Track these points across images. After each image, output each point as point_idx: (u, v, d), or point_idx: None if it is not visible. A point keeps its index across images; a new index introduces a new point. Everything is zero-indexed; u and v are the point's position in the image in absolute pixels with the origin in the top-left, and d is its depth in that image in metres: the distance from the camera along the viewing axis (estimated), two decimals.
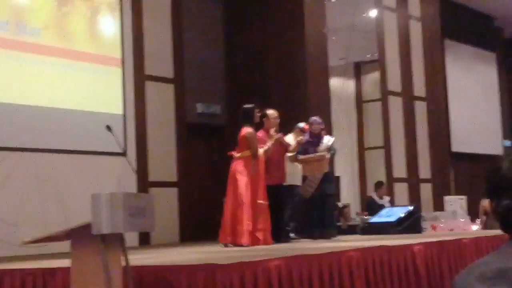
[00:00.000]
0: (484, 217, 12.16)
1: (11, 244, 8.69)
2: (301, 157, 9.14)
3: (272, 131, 8.68)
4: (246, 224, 7.86)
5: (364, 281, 5.41)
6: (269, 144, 8.48)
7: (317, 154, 9.14)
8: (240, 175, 8.09)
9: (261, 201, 8.09)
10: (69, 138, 10.01)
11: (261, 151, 8.27)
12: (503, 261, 1.86)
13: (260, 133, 8.71)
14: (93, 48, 10.63)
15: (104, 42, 10.87)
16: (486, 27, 18.29)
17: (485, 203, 12.14)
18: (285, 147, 8.96)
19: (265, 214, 8.10)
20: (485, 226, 11.38)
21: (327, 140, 9.41)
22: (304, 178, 9.22)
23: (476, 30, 17.70)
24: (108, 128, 7.05)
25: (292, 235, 9.17)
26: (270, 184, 8.42)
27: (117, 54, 10.94)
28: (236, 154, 8.27)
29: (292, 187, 9.19)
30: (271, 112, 8.90)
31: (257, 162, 8.19)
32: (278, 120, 8.90)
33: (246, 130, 8.21)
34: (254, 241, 7.89)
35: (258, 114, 8.47)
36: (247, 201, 7.96)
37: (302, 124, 9.58)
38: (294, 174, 9.25)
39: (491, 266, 1.85)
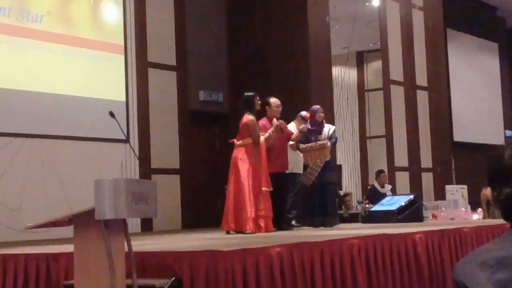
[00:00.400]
0: (485, 206, 12.20)
1: (14, 229, 8.73)
2: (302, 145, 9.15)
3: (274, 120, 8.68)
4: (249, 211, 7.88)
5: (365, 269, 5.44)
6: (270, 131, 8.49)
7: (319, 142, 9.15)
8: (242, 162, 8.10)
9: (265, 188, 8.10)
10: (72, 124, 10.03)
11: (262, 138, 8.29)
12: (504, 248, 1.88)
13: (263, 121, 8.73)
14: (96, 35, 10.63)
15: (107, 29, 10.87)
16: (488, 17, 18.26)
17: (487, 192, 12.17)
18: (286, 134, 8.97)
19: (268, 202, 8.12)
20: (486, 215, 11.42)
21: (328, 128, 9.42)
22: (306, 167, 9.24)
23: (479, 20, 17.68)
24: (111, 114, 7.04)
25: (293, 222, 9.19)
26: (272, 172, 8.44)
27: (120, 41, 10.95)
28: (237, 141, 8.29)
29: (294, 175, 9.20)
30: (273, 100, 8.90)
31: (258, 149, 8.20)
32: (281, 108, 8.89)
33: (247, 117, 8.22)
34: (257, 229, 7.91)
35: (259, 102, 8.47)
36: (249, 189, 7.98)
37: (304, 113, 9.58)
38: (296, 162, 9.27)
39: (492, 253, 1.87)
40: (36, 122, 9.64)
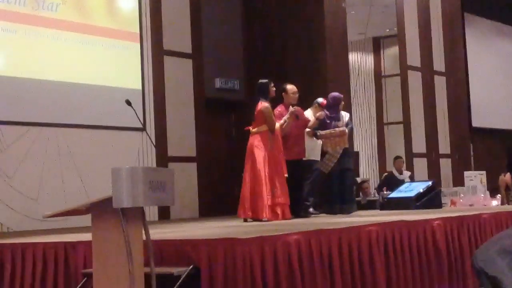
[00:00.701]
0: (504, 192, 12.13)
1: (32, 218, 8.78)
2: (322, 132, 9.11)
3: (291, 107, 8.66)
4: (266, 199, 7.87)
5: (383, 256, 5.42)
6: (285, 118, 8.47)
7: (339, 129, 9.12)
8: (258, 150, 8.09)
9: (286, 175, 8.11)
10: (88, 113, 10.05)
11: (277, 125, 8.27)
12: None
13: (280, 108, 8.71)
14: (111, 23, 10.63)
15: (122, 17, 10.86)
16: (506, 1, 18.08)
17: (506, 178, 12.09)
18: (303, 122, 8.94)
19: (284, 189, 8.11)
20: (505, 201, 11.36)
21: (344, 115, 9.39)
22: (324, 153, 9.21)
23: (497, 4, 17.50)
24: (128, 102, 7.04)
25: (311, 210, 9.17)
26: (289, 159, 8.42)
27: (135, 29, 10.94)
28: (252, 129, 8.27)
29: (311, 162, 9.18)
30: (290, 87, 8.87)
31: (274, 136, 8.19)
32: (297, 95, 8.86)
33: (262, 104, 8.20)
34: (274, 216, 7.91)
35: (274, 89, 8.44)
36: (266, 176, 7.97)
37: (321, 100, 9.54)
38: (313, 149, 9.24)
39: (511, 240, 1.85)
40: (53, 111, 9.66)
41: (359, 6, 14.36)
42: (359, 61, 17.56)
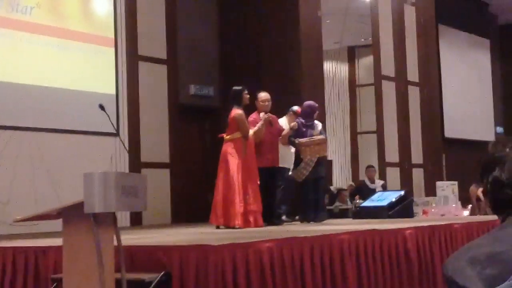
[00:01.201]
0: (475, 203, 12.23)
1: (2, 223, 8.69)
2: (302, 140, 9.07)
3: (261, 114, 8.66)
4: (238, 206, 7.87)
5: (355, 264, 5.43)
6: (259, 124, 8.48)
7: (318, 137, 9.13)
8: (231, 157, 8.09)
9: (258, 183, 8.11)
10: (61, 117, 9.98)
11: (251, 132, 8.27)
12: (494, 244, 1.87)
13: (254, 115, 8.71)
14: (86, 28, 10.58)
15: (97, 21, 10.82)
16: (480, 13, 18.27)
17: (476, 189, 12.19)
18: (277, 130, 8.95)
19: (257, 196, 8.11)
20: (476, 211, 11.46)
21: (316, 124, 9.40)
22: (297, 162, 9.18)
23: (470, 16, 17.68)
24: (101, 106, 7.00)
25: (284, 218, 9.18)
26: (262, 166, 8.42)
27: (110, 34, 10.90)
28: (226, 136, 8.27)
29: (283, 169, 9.18)
30: (261, 94, 8.88)
31: (248, 143, 8.19)
32: (269, 103, 8.85)
33: (235, 111, 8.19)
34: (246, 224, 7.90)
35: (247, 96, 8.44)
36: (239, 183, 7.96)
37: (296, 108, 9.56)
38: (285, 156, 9.24)
39: (482, 249, 1.86)
40: (25, 114, 9.59)
41: (335, 15, 14.44)
42: (334, 70, 17.64)
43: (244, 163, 8.09)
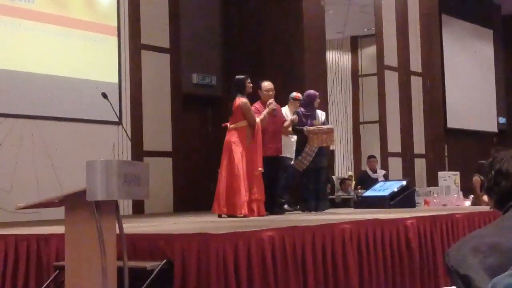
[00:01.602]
0: (479, 193, 12.23)
1: (5, 210, 8.71)
2: (310, 128, 9.06)
3: (270, 101, 8.65)
4: (244, 195, 7.86)
5: (357, 254, 5.44)
6: (265, 112, 8.47)
7: (327, 126, 9.16)
8: (235, 146, 8.07)
9: (260, 169, 8.09)
10: (64, 106, 9.98)
11: (258, 120, 8.26)
12: (497, 234, 1.88)
13: (257, 105, 8.70)
14: (89, 16, 10.56)
15: (100, 10, 10.80)
16: (483, 3, 18.22)
17: (479, 178, 12.19)
18: (279, 118, 8.94)
19: (260, 185, 8.11)
20: (479, 201, 11.45)
21: (320, 114, 9.41)
22: (299, 151, 9.18)
23: (474, 6, 17.64)
24: (104, 95, 7.01)
25: (286, 207, 9.19)
26: (266, 155, 8.43)
27: (113, 23, 10.88)
28: (230, 125, 8.26)
29: (285, 158, 9.19)
30: (265, 84, 8.87)
31: (253, 132, 8.18)
32: (272, 92, 8.83)
33: (240, 100, 8.18)
34: (250, 212, 7.90)
35: (250, 85, 8.42)
36: (243, 172, 7.95)
37: (294, 94, 9.58)
38: (286, 146, 9.25)
39: (485, 239, 1.87)
40: (27, 103, 9.58)
41: (338, 5, 14.38)
42: (337, 59, 17.59)
43: (248, 152, 8.08)
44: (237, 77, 8.42)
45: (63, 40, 10.14)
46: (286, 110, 9.39)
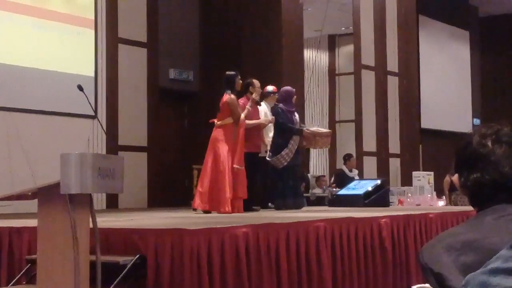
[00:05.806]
0: (447, 193, 12.34)
1: None
2: (311, 128, 9.12)
3: (254, 95, 8.68)
4: (228, 192, 7.83)
5: (330, 252, 5.46)
6: (248, 106, 8.48)
7: (325, 130, 9.28)
8: (221, 143, 8.03)
9: (237, 166, 8.05)
10: (39, 98, 9.90)
11: (242, 116, 8.24)
12: (470, 232, 1.89)
13: (242, 100, 8.69)
14: (66, 8, 10.48)
15: (77, 2, 10.72)
16: (461, 5, 18.34)
17: (451, 178, 12.28)
18: (255, 117, 8.96)
19: (244, 183, 8.10)
20: (448, 202, 11.56)
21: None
22: (278, 149, 9.12)
23: (451, 8, 17.74)
24: (80, 87, 6.97)
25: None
26: (249, 151, 8.43)
27: (90, 15, 10.81)
28: (217, 121, 8.22)
29: (264, 156, 9.19)
30: (256, 81, 8.95)
31: (238, 128, 8.16)
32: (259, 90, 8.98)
33: (228, 96, 8.17)
34: (233, 210, 7.89)
35: (240, 82, 8.44)
36: (229, 169, 7.93)
37: (271, 88, 9.59)
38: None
39: (459, 237, 1.87)
40: (3, 94, 9.50)
41: (316, 3, 14.41)
42: (314, 58, 17.62)
43: (233, 149, 8.06)
44: (227, 73, 8.43)
45: (40, 32, 10.06)
46: (264, 106, 9.38)
